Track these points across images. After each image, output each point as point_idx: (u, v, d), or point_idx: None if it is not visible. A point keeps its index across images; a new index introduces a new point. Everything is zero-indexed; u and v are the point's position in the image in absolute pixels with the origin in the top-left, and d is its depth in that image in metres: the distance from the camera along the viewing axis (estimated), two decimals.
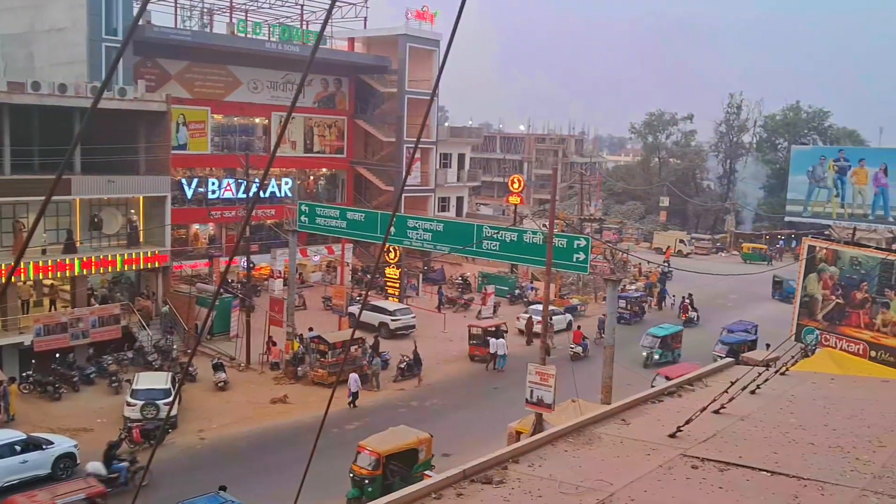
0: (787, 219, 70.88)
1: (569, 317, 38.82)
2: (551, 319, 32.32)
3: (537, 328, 34.72)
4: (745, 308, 44.69)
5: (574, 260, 24.58)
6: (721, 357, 27.08)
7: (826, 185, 60.87)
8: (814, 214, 63.16)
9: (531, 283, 46.01)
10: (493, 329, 33.87)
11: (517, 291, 45.05)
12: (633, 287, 46.12)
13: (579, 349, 33.94)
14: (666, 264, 51.29)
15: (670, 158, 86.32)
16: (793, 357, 27.51)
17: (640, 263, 51.71)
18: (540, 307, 32.05)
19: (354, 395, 27.17)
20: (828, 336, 27.11)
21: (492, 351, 32.60)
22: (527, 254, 26.28)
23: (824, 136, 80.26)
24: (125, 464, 19.67)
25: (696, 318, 41.72)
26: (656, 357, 32.54)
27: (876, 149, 71.78)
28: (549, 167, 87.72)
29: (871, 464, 6.65)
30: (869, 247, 30.77)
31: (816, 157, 63.60)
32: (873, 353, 25.42)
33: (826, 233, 53.05)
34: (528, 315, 37.43)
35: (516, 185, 53.01)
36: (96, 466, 19.35)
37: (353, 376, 27.69)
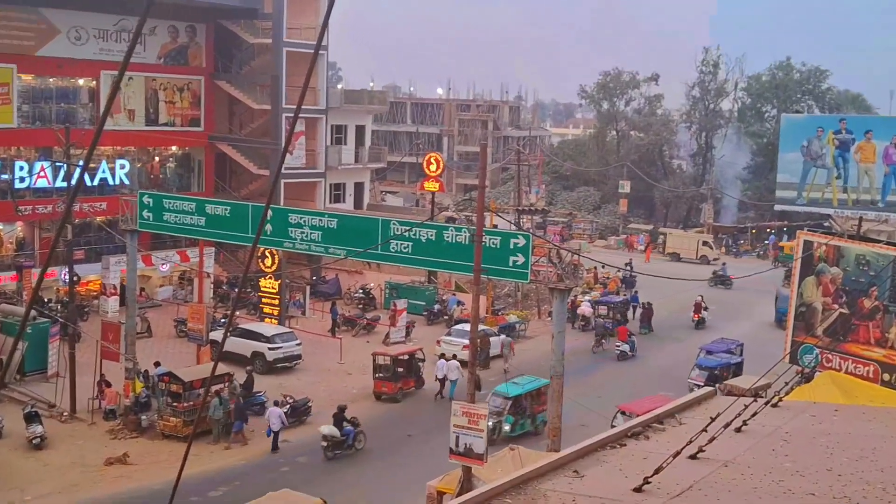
0: (777, 207, 73.66)
1: (504, 338, 39.20)
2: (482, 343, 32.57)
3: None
4: (730, 320, 46.17)
5: (510, 264, 24.80)
6: (698, 385, 27.85)
7: (825, 163, 63.21)
8: (810, 201, 65.53)
9: (454, 294, 46.26)
10: (407, 357, 33.93)
11: (437, 307, 45.24)
12: (587, 298, 46.98)
13: (626, 347, 37.80)
14: (628, 268, 52.45)
15: (631, 131, 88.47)
16: (787, 384, 28.47)
17: (595, 267, 52.74)
18: (466, 327, 32.20)
19: (275, 436, 28.04)
20: (830, 356, 28.22)
21: (439, 376, 33.62)
22: (449, 257, 26.42)
23: (822, 102, 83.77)
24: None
25: (705, 321, 45.85)
26: (506, 428, 28.91)
27: (886, 117, 74.91)
28: (475, 143, 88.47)
29: None
30: (879, 241, 32.10)
31: (812, 128, 65.95)
32: (886, 377, 26.63)
33: (826, 224, 55.36)
34: (452, 339, 37.61)
35: (434, 167, 53.14)
36: (331, 429, 27.31)
37: (276, 411, 28.30)
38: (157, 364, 31.56)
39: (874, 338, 27.33)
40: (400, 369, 33.54)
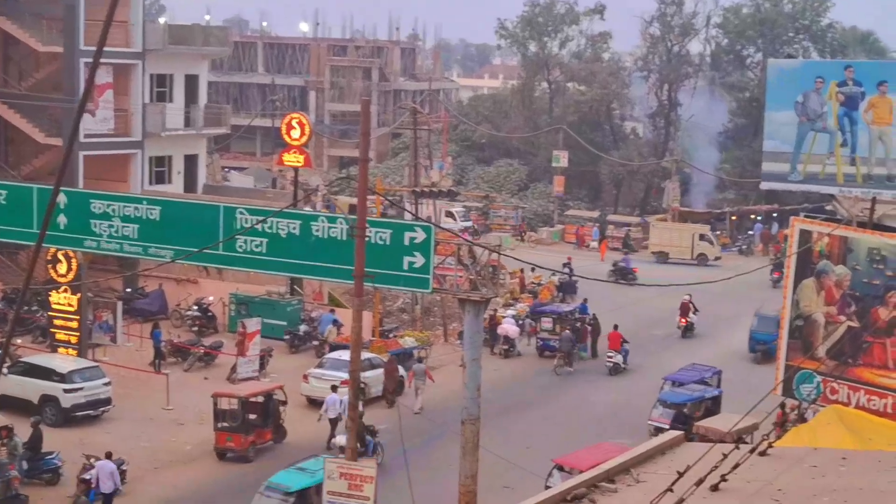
0: (764, 185, 75.01)
1: (417, 366, 39.14)
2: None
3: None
4: (706, 339, 47.21)
5: (405, 267, 24.86)
6: (662, 428, 28.27)
7: (826, 126, 64.58)
8: (807, 177, 66.59)
9: (330, 311, 46.05)
10: (262, 399, 33.68)
11: (303, 328, 45.00)
12: (511, 312, 47.29)
13: (619, 357, 40.35)
14: (567, 270, 52.96)
15: (569, 83, 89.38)
16: (777, 424, 29.22)
17: (521, 270, 53.12)
18: (345, 355, 32.07)
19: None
20: (836, 385, 28.90)
21: (332, 415, 33.59)
22: (319, 259, 26.46)
23: (822, 43, 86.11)
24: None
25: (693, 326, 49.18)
26: None
27: None
28: (355, 99, 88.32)
29: None
30: None
31: (810, 77, 66.87)
32: None
33: (829, 208, 56.78)
34: (325, 372, 37.50)
35: (296, 133, 52.80)
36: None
37: (107, 466, 28.04)
38: None
39: (893, 360, 27.99)
40: (252, 416, 33.22)
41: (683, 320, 49.00)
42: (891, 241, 29.31)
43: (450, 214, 69.70)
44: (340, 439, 28.81)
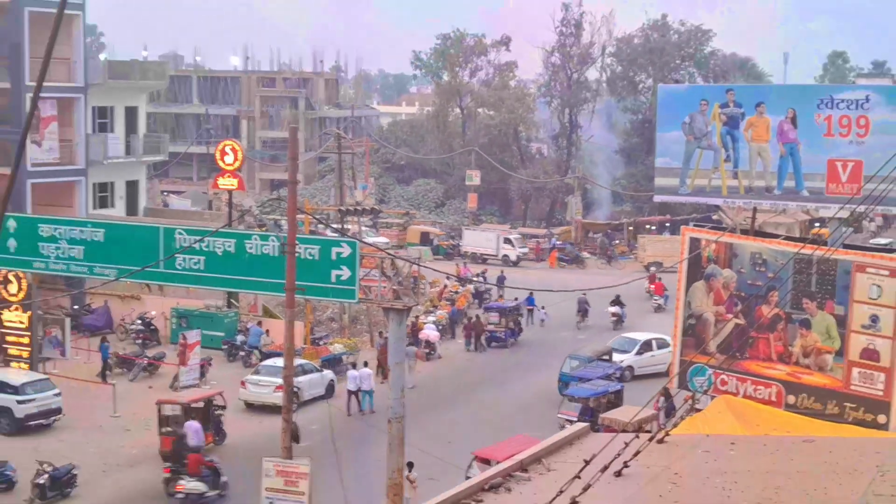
0: (656, 198, 76.00)
1: (329, 375, 39.17)
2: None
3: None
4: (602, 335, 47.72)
5: (333, 280, 24.82)
6: (570, 421, 28.47)
7: (711, 143, 65.66)
8: (695, 190, 67.61)
9: (259, 324, 45.72)
10: (203, 404, 33.42)
11: (239, 338, 44.69)
12: (433, 319, 47.41)
13: (662, 301, 44.74)
14: (481, 276, 53.19)
15: (479, 108, 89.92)
16: (659, 408, 29.47)
17: (442, 280, 53.23)
18: (278, 363, 31.90)
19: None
20: (725, 377, 29.30)
21: (352, 388, 36.70)
22: (253, 273, 26.37)
23: (705, 69, 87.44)
24: None
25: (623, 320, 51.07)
26: None
27: (780, 86, 78.31)
28: (283, 126, 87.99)
29: None
30: (777, 236, 33.58)
31: (694, 100, 67.39)
32: (791, 399, 27.87)
33: (715, 218, 57.56)
34: (261, 378, 37.36)
35: (230, 159, 52.54)
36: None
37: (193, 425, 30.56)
38: None
39: (776, 352, 28.42)
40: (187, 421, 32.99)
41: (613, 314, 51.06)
42: (770, 247, 29.81)
43: (508, 241, 70.53)
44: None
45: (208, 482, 28.55)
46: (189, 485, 28.06)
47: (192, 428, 31.05)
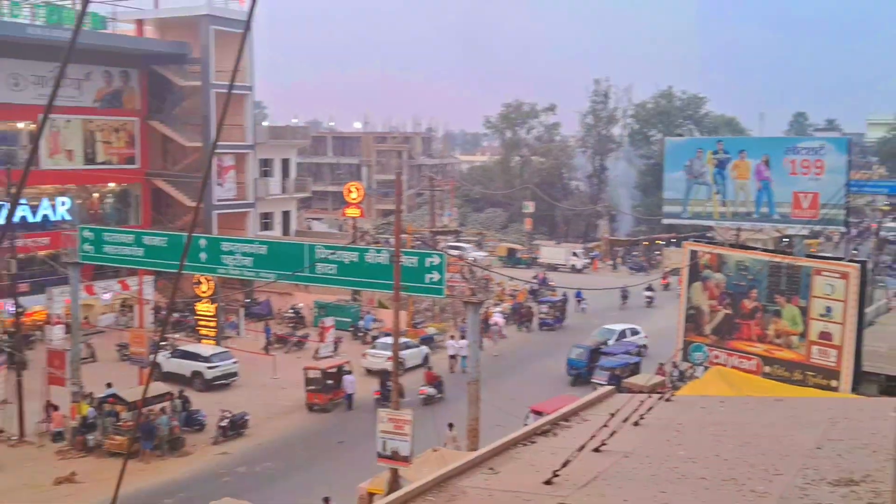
0: (665, 221, 75.42)
1: (424, 349, 39.24)
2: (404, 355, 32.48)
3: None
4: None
5: (427, 281, 24.89)
6: (601, 384, 28.25)
7: (706, 180, 65.32)
8: (693, 215, 67.25)
9: (370, 312, 45.93)
10: (336, 370, 33.71)
11: (360, 323, 45.02)
12: (499, 310, 47.32)
13: (433, 391, 33.60)
14: (536, 280, 52.97)
15: (532, 156, 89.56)
16: (674, 375, 29.02)
17: (503, 282, 53.13)
18: (389, 340, 32.15)
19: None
20: (717, 352, 28.94)
21: (451, 353, 37.93)
22: (371, 276, 26.40)
23: (701, 126, 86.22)
24: None
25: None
26: None
27: (757, 138, 77.85)
28: (392, 171, 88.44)
29: (767, 495, 7.09)
30: (755, 249, 33.30)
31: (693, 149, 67.33)
32: (767, 369, 27.40)
33: (709, 235, 56.78)
34: (377, 351, 37.55)
35: (354, 195, 53.05)
36: None
37: (349, 378, 33.43)
38: (108, 385, 30.55)
39: (755, 335, 28.14)
40: (330, 381, 33.27)
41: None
42: (751, 256, 29.48)
43: (574, 254, 69.64)
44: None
45: (438, 388, 33.48)
46: (429, 390, 33.04)
47: (349, 380, 33.33)
